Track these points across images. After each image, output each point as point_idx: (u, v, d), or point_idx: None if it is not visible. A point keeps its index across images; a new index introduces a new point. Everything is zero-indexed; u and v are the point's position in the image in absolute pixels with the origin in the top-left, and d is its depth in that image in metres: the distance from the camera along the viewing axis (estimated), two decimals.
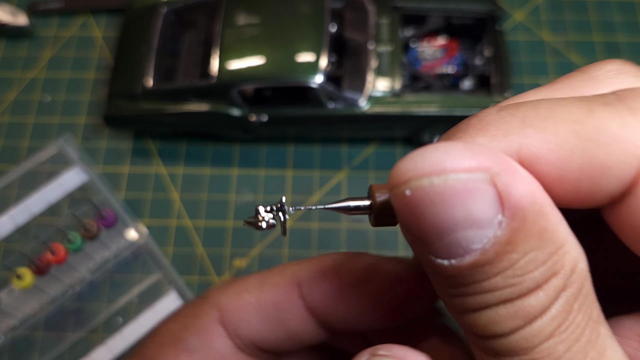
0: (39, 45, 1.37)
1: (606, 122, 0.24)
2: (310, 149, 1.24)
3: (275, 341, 0.36)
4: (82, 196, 1.16)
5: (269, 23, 1.11)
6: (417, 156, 0.23)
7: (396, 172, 0.25)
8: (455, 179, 0.22)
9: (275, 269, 0.37)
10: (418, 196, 0.23)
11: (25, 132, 1.28)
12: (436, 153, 0.23)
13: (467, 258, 0.23)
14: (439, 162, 0.23)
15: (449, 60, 1.16)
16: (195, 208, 1.19)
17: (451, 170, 0.23)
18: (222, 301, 0.36)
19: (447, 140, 0.27)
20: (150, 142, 1.26)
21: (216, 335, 0.36)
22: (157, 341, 0.38)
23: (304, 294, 0.35)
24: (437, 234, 0.23)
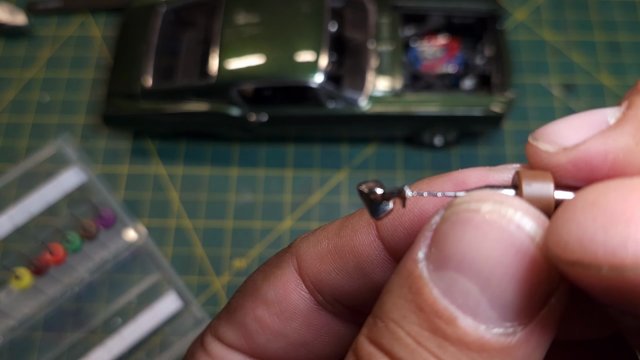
0: (38, 44, 1.36)
1: None
2: (310, 149, 1.23)
3: (360, 295, 0.31)
4: (81, 196, 1.15)
5: (268, 22, 1.10)
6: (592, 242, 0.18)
7: (569, 241, 0.18)
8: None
9: (357, 210, 0.31)
10: (619, 282, 0.17)
11: (24, 132, 1.27)
12: (614, 237, 0.17)
13: None
14: (618, 251, 0.17)
15: (449, 59, 1.15)
16: (195, 208, 1.18)
17: (631, 264, 0.16)
18: (302, 249, 0.32)
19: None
20: (150, 142, 1.25)
21: (293, 288, 0.32)
22: (241, 291, 0.35)
23: (383, 235, 0.29)
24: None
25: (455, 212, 0.21)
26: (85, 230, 1.07)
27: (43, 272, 1.03)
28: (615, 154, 0.20)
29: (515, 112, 1.24)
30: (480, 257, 0.20)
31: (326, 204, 1.18)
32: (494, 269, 0.20)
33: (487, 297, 0.20)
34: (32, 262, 1.02)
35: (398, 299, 0.22)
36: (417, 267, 0.22)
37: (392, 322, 0.22)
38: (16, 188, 1.17)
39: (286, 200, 1.18)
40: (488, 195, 0.21)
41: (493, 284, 0.20)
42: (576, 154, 0.21)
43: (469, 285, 0.20)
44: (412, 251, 0.23)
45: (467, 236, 0.20)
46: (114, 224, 1.10)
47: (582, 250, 0.17)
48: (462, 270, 0.20)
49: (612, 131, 0.21)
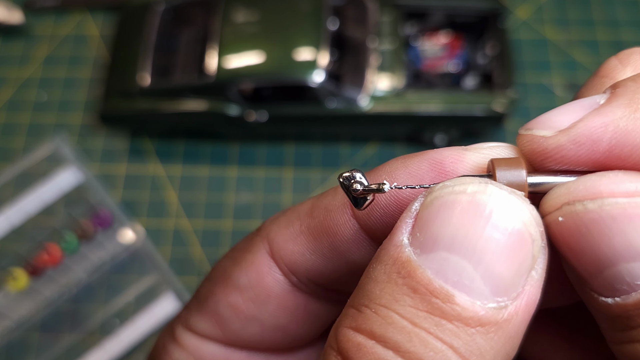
0: (35, 43, 1.35)
1: None
2: (309, 148, 1.22)
3: (336, 274, 0.31)
4: (78, 196, 1.14)
5: (267, 20, 1.09)
6: (571, 181, 0.21)
7: (549, 197, 0.22)
8: (612, 204, 0.20)
9: (328, 190, 0.31)
10: (572, 224, 0.21)
11: (21, 131, 1.26)
12: (592, 176, 0.21)
13: (634, 295, 0.20)
14: (594, 185, 0.21)
15: (451, 58, 1.14)
16: (193, 208, 1.17)
17: (608, 194, 0.20)
18: (273, 232, 0.31)
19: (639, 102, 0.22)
20: (147, 141, 1.24)
21: (267, 272, 0.31)
22: (210, 278, 0.34)
23: (357, 215, 0.29)
24: (596, 267, 0.21)
25: (439, 196, 0.22)
26: (82, 231, 1.06)
27: (40, 272, 1.02)
28: (614, 124, 0.21)
29: (518, 111, 1.23)
30: (472, 235, 0.21)
31: None
32: (485, 246, 0.21)
33: (480, 273, 0.21)
34: (28, 262, 1.01)
35: (386, 284, 0.22)
36: (404, 252, 0.22)
37: (382, 307, 0.22)
38: (13, 188, 1.16)
39: (286, 200, 1.17)
40: (471, 178, 0.22)
41: (485, 260, 0.21)
42: (577, 130, 0.22)
43: (462, 263, 0.21)
44: (394, 238, 0.23)
45: (456, 216, 0.21)
46: (111, 225, 1.09)
47: (568, 194, 0.21)
48: (453, 249, 0.21)
49: (606, 106, 0.22)
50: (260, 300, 0.32)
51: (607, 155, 0.22)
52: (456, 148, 0.26)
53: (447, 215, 0.21)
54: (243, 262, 0.32)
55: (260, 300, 0.32)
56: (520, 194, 0.22)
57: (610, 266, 0.20)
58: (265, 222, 0.33)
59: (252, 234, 0.34)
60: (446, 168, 0.26)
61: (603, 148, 0.22)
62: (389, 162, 0.29)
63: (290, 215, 0.32)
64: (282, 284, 0.32)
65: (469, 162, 0.25)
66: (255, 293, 0.32)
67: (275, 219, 0.32)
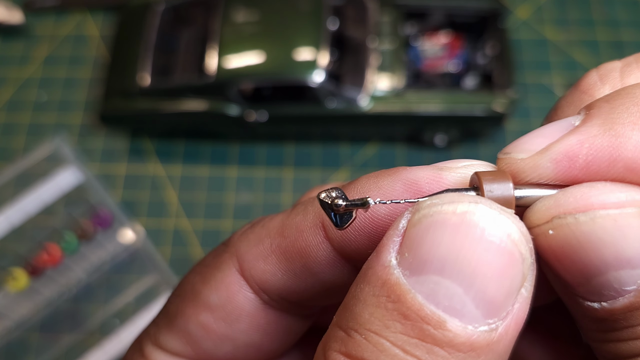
0: (35, 43, 1.35)
1: None
2: (309, 148, 1.22)
3: (309, 293, 0.30)
4: (78, 196, 1.14)
5: (267, 20, 1.09)
6: (560, 192, 0.21)
7: (537, 210, 0.22)
8: (604, 216, 0.20)
9: (298, 207, 0.31)
10: (563, 236, 0.21)
11: (21, 131, 1.26)
12: (581, 188, 0.21)
13: (621, 300, 0.21)
14: (584, 197, 0.21)
15: (451, 58, 1.14)
16: (193, 208, 1.17)
17: (599, 206, 0.21)
18: (242, 249, 0.31)
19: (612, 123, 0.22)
20: (147, 141, 1.24)
21: (237, 290, 0.31)
22: (179, 294, 0.33)
23: (331, 236, 0.28)
24: (584, 275, 0.21)
25: (427, 215, 0.21)
26: (82, 231, 1.06)
27: (40, 272, 1.02)
28: (590, 141, 0.22)
29: (518, 111, 1.23)
30: (463, 257, 0.20)
31: None
32: (477, 268, 0.20)
33: (472, 296, 0.20)
34: (28, 262, 1.01)
35: (376, 308, 0.21)
36: (393, 273, 0.21)
37: (373, 333, 0.21)
38: (13, 188, 1.16)
39: (285, 200, 1.17)
40: (460, 197, 0.21)
41: (477, 284, 0.20)
42: (554, 149, 0.22)
43: (453, 287, 0.20)
44: (381, 257, 0.22)
45: (446, 238, 0.21)
46: (111, 225, 1.09)
47: (558, 207, 0.21)
48: (444, 273, 0.20)
49: (582, 126, 0.23)
50: (231, 319, 0.31)
51: (585, 172, 0.22)
52: (430, 167, 0.26)
53: (437, 236, 0.21)
54: (212, 280, 0.32)
55: (231, 318, 0.31)
56: (510, 212, 0.22)
57: (599, 275, 0.21)
58: (233, 237, 0.33)
59: (220, 248, 0.33)
60: (422, 189, 0.25)
61: (580, 164, 0.22)
62: (360, 180, 0.28)
63: (260, 233, 0.31)
64: (253, 302, 0.31)
65: (446, 183, 0.25)
66: (226, 312, 0.31)
67: (244, 235, 0.32)
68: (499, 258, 0.20)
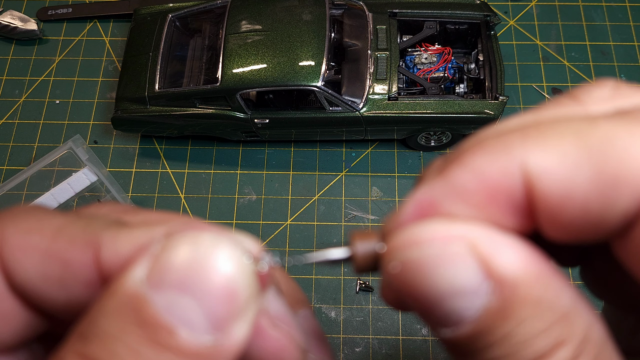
0: (48, 49, 1.41)
1: (613, 133, 0.23)
2: (311, 151, 1.28)
3: (51, 303, 0.29)
4: (91, 196, 1.20)
5: (271, 29, 1.14)
6: (405, 229, 0.25)
7: (387, 248, 0.25)
8: (431, 249, 0.23)
9: (82, 219, 0.29)
10: (405, 269, 0.24)
11: (35, 134, 1.32)
12: (417, 226, 0.24)
13: (463, 327, 0.23)
14: (415, 233, 0.24)
15: (444, 65, 1.20)
16: (199, 208, 1.23)
17: (427, 240, 0.24)
18: (9, 232, 0.29)
19: (446, 165, 0.26)
20: (157, 144, 1.30)
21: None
22: None
23: (102, 260, 0.27)
24: (429, 303, 0.24)
25: (177, 245, 0.25)
26: None
27: None
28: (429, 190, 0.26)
29: (508, 114, 1.28)
30: (200, 281, 0.24)
31: (326, 203, 1.22)
32: (209, 291, 0.24)
33: (203, 312, 0.24)
34: None
35: (117, 315, 0.24)
36: (137, 286, 0.24)
37: (110, 337, 0.24)
38: (27, 189, 1.21)
39: (288, 200, 1.23)
40: (205, 234, 0.26)
41: (207, 302, 0.24)
42: (406, 209, 0.27)
43: (188, 303, 0.24)
44: (130, 274, 0.25)
45: (188, 263, 0.25)
46: None
47: (393, 246, 0.25)
48: (182, 289, 0.24)
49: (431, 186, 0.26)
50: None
51: (429, 211, 0.26)
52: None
53: (181, 261, 0.25)
54: None
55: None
56: (247, 252, 0.26)
57: (440, 302, 0.23)
58: (4, 214, 0.31)
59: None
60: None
61: (423, 209, 0.26)
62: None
63: (33, 225, 0.29)
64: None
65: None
66: None
67: (16, 218, 0.30)
68: (224, 285, 0.24)
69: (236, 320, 0.25)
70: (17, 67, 1.39)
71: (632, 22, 1.39)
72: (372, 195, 1.23)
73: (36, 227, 0.29)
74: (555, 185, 0.23)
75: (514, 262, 0.23)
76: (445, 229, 0.24)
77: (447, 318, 0.24)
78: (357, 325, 1.12)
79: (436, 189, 0.25)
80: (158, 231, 0.27)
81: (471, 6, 1.21)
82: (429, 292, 0.24)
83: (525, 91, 1.32)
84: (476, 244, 0.23)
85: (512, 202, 0.24)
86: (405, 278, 0.24)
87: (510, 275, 0.23)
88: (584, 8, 1.41)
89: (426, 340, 1.10)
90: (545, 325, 0.22)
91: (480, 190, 0.24)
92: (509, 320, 0.22)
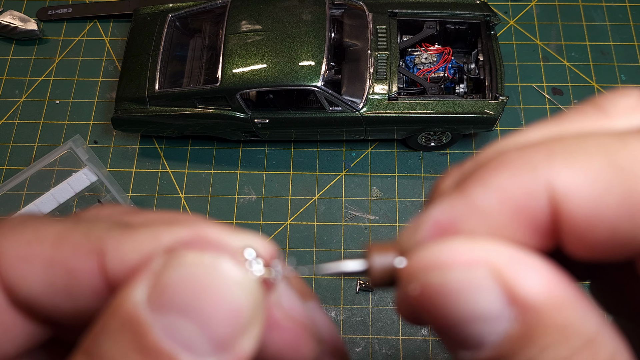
0: (48, 49, 1.41)
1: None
2: (311, 151, 1.28)
3: (58, 312, 0.29)
4: (91, 196, 1.20)
5: (271, 29, 1.14)
6: (425, 249, 0.24)
7: (408, 267, 0.25)
8: (453, 274, 0.23)
9: (82, 224, 0.29)
10: (426, 292, 0.23)
11: (35, 133, 1.32)
12: (438, 246, 0.23)
13: (484, 351, 0.23)
14: (436, 255, 0.23)
15: (444, 65, 1.20)
16: (200, 208, 1.23)
17: (449, 264, 0.23)
18: (6, 244, 0.28)
19: (463, 185, 0.25)
20: (157, 144, 1.30)
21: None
22: None
23: (108, 267, 0.27)
24: (450, 326, 0.23)
25: (180, 264, 0.24)
26: None
27: None
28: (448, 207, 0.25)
29: (508, 114, 1.29)
30: (202, 302, 0.24)
31: (326, 203, 1.22)
32: (212, 313, 0.24)
33: (205, 335, 0.24)
34: None
35: (119, 340, 0.24)
36: (138, 309, 0.24)
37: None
38: (27, 188, 1.21)
39: (288, 200, 1.23)
40: (210, 254, 0.25)
41: (210, 325, 0.24)
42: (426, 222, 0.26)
43: (190, 326, 0.23)
44: (130, 292, 0.24)
45: (191, 284, 0.24)
46: None
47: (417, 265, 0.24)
48: (184, 313, 0.24)
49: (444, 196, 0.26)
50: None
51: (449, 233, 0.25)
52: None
53: (184, 282, 0.24)
54: None
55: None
56: (251, 273, 0.25)
57: (461, 326, 0.23)
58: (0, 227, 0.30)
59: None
60: None
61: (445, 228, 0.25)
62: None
63: (31, 235, 0.28)
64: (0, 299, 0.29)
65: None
66: None
67: (12, 229, 0.29)
68: (230, 307, 0.24)
69: (241, 337, 0.24)
70: (17, 67, 1.39)
71: (632, 22, 1.39)
72: (372, 195, 1.23)
73: (35, 237, 0.28)
74: (584, 206, 0.22)
75: (539, 286, 0.22)
76: (468, 250, 0.23)
77: (467, 341, 0.23)
78: (357, 325, 1.12)
79: (456, 208, 0.24)
80: (163, 237, 0.26)
81: (471, 6, 1.21)
82: (449, 316, 0.23)
83: (525, 91, 1.32)
84: (499, 269, 0.22)
85: (536, 222, 0.23)
86: (425, 301, 0.24)
87: (535, 301, 0.22)
88: (584, 8, 1.41)
89: (426, 340, 1.10)
90: (570, 352, 0.22)
91: (504, 212, 0.24)
92: (532, 346, 0.22)
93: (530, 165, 0.23)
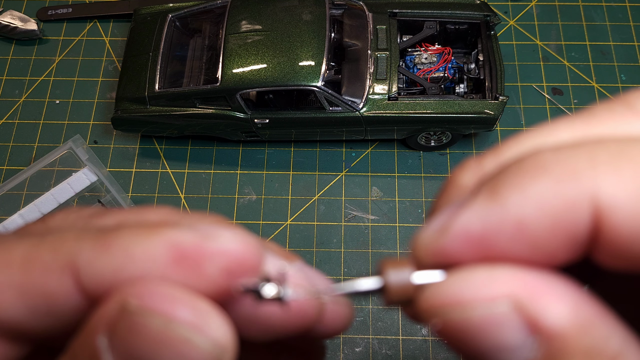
0: (48, 49, 1.41)
1: None
2: (311, 151, 1.28)
3: (50, 332, 0.27)
4: (91, 196, 1.20)
5: (271, 29, 1.14)
6: (444, 282, 0.23)
7: (426, 299, 0.24)
8: (476, 311, 0.22)
9: (49, 240, 0.27)
10: (448, 327, 0.23)
11: (35, 133, 1.32)
12: (459, 281, 0.23)
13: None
14: (459, 292, 0.23)
15: (444, 65, 1.20)
16: (200, 208, 1.23)
17: (471, 302, 0.23)
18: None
19: (496, 189, 0.23)
20: (156, 144, 1.30)
21: None
22: None
23: (84, 282, 0.25)
24: (473, 356, 0.23)
25: (136, 313, 0.23)
26: None
27: None
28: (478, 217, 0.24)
29: (509, 114, 1.29)
30: (160, 357, 0.23)
31: (326, 203, 1.22)
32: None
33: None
34: None
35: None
36: (100, 353, 0.23)
37: None
38: (28, 188, 1.21)
39: (288, 200, 1.23)
40: (164, 307, 0.23)
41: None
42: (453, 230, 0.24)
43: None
44: (92, 335, 0.23)
45: (161, 340, 0.23)
46: None
47: (436, 299, 0.24)
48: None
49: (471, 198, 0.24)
50: None
51: (480, 245, 0.23)
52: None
53: (153, 336, 0.22)
54: None
55: None
56: (214, 322, 0.23)
57: (485, 357, 0.23)
58: None
59: None
60: None
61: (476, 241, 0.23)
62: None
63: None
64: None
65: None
66: None
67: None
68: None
69: None
70: (17, 67, 1.39)
71: (632, 22, 1.39)
72: (372, 195, 1.23)
73: (3, 259, 0.26)
74: (631, 219, 0.21)
75: (562, 314, 0.22)
76: (488, 284, 0.22)
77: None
78: (357, 325, 1.12)
79: (490, 217, 0.23)
80: (136, 253, 0.25)
81: (471, 6, 1.21)
82: (473, 348, 0.23)
83: (525, 91, 1.32)
84: (521, 301, 0.22)
85: (574, 235, 0.22)
86: (447, 334, 0.23)
87: (559, 330, 0.22)
88: (584, 8, 1.41)
89: (426, 340, 1.10)
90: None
91: (542, 224, 0.22)
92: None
93: (573, 173, 0.21)
